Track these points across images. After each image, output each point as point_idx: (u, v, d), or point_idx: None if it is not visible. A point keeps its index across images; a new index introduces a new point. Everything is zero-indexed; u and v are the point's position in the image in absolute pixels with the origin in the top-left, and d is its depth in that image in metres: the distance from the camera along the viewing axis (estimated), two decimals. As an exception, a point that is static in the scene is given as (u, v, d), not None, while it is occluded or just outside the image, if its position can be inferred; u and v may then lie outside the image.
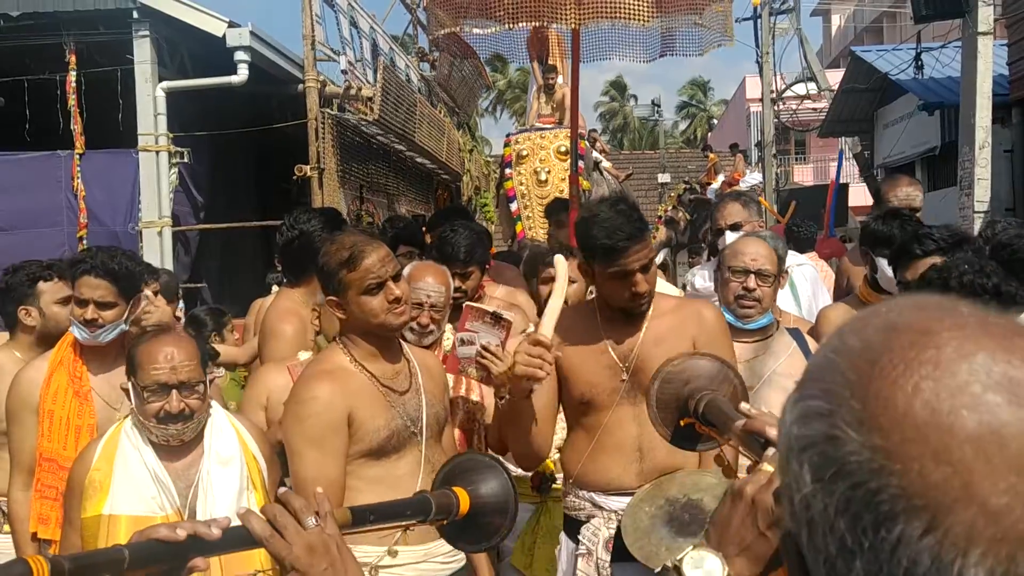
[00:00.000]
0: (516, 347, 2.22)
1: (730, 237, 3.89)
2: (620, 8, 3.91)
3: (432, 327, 2.90)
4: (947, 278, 1.99)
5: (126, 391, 2.29)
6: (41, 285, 3.04)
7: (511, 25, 4.08)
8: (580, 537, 2.42)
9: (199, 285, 7.97)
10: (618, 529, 2.30)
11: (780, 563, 1.02)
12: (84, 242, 7.50)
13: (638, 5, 3.92)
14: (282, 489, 1.27)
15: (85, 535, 2.19)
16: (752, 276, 2.85)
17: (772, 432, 1.18)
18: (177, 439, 2.23)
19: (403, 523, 1.46)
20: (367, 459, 2.22)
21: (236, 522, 1.16)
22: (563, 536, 2.53)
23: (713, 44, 4.42)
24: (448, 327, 3.08)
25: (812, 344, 3.22)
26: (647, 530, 2.16)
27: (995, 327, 0.52)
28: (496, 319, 2.65)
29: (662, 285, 3.76)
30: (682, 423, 1.58)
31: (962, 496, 0.47)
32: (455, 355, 2.70)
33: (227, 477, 2.27)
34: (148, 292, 3.55)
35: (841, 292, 3.80)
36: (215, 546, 1.13)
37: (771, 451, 1.12)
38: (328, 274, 2.25)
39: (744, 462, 1.34)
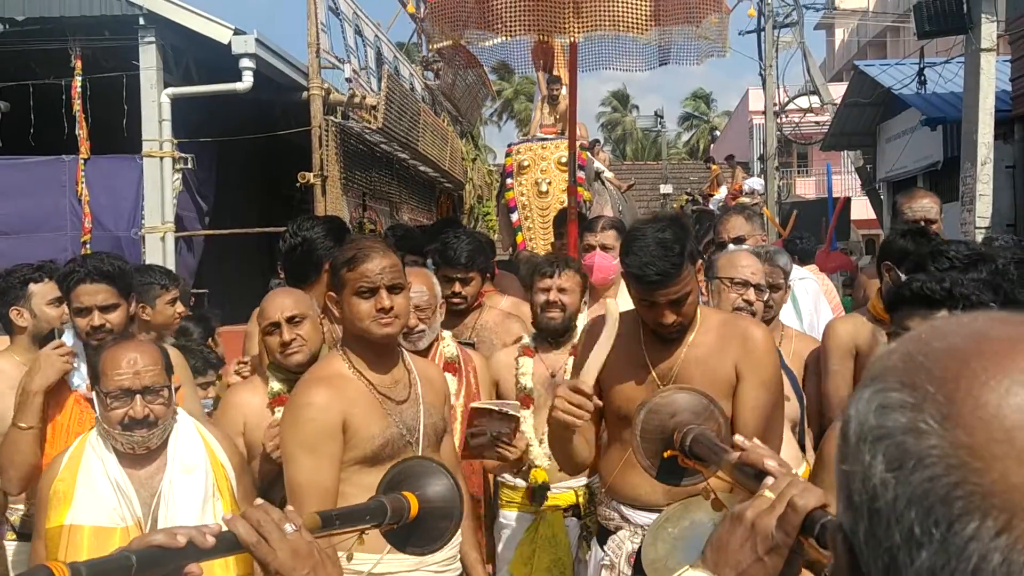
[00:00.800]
0: (558, 392, 2.18)
1: (732, 249, 3.91)
2: (619, 19, 3.92)
3: (422, 327, 2.91)
4: (902, 287, 2.00)
5: (89, 401, 2.28)
6: (32, 287, 3.05)
7: (509, 36, 4.09)
8: (606, 548, 2.43)
9: (202, 291, 7.98)
10: (641, 544, 2.30)
11: None
12: (87, 247, 7.51)
13: (636, 16, 3.93)
14: (258, 501, 1.30)
15: (49, 544, 2.17)
16: (752, 289, 2.86)
17: (770, 464, 1.19)
18: (143, 446, 2.20)
19: (363, 527, 1.49)
20: (361, 466, 2.22)
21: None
22: (594, 544, 2.54)
23: (708, 54, 4.44)
24: (447, 333, 3.09)
25: (789, 358, 3.23)
26: (667, 551, 2.15)
27: None
28: (503, 415, 2.62)
29: None
30: (665, 455, 1.58)
31: None
32: (465, 444, 2.68)
33: (191, 485, 2.24)
34: (167, 298, 3.58)
35: (859, 304, 3.80)
36: (208, 552, 1.16)
37: (769, 480, 1.12)
38: (333, 270, 2.29)
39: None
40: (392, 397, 2.28)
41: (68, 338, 2.72)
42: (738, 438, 1.33)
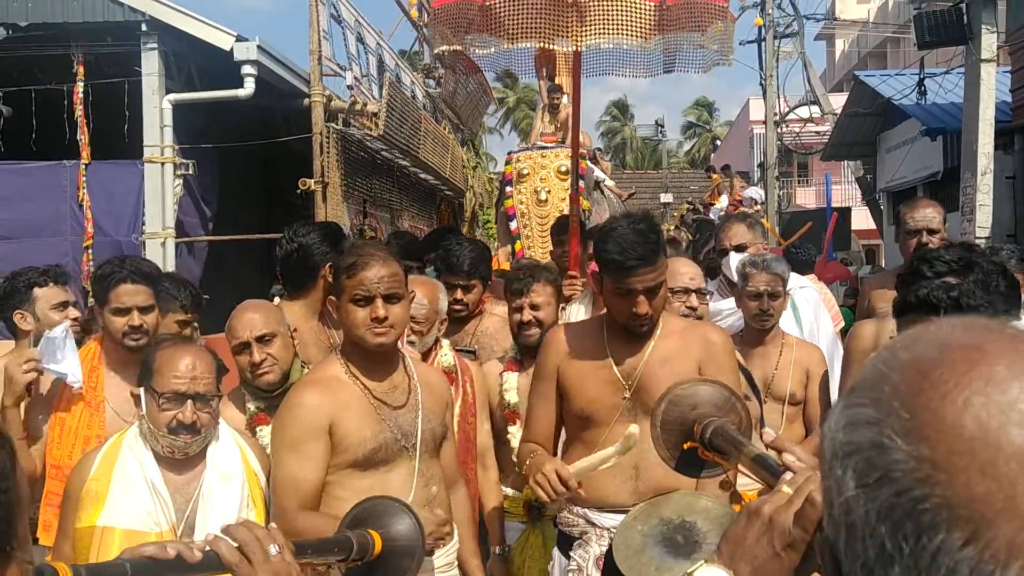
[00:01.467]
0: (546, 466, 2.20)
1: (734, 258, 3.91)
2: (624, 26, 3.92)
3: (413, 338, 2.92)
4: (907, 294, 2.00)
5: (135, 397, 2.26)
6: (37, 291, 3.06)
7: (512, 42, 4.09)
8: (572, 553, 2.43)
9: (203, 297, 7.98)
10: (609, 547, 2.30)
11: None
12: (89, 252, 7.52)
13: (641, 23, 3.93)
14: (241, 518, 1.32)
15: (78, 546, 2.16)
16: (693, 295, 2.92)
17: (789, 458, 1.18)
18: (183, 452, 2.21)
19: (332, 559, 1.52)
20: (354, 469, 2.23)
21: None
22: (556, 552, 2.54)
23: (713, 63, 4.44)
24: (445, 342, 3.09)
25: (790, 366, 3.26)
26: (638, 549, 2.16)
27: None
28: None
29: None
30: (685, 447, 1.57)
31: (1006, 509, 0.48)
32: None
33: (228, 493, 2.24)
34: (180, 317, 3.59)
35: (863, 313, 3.80)
36: (194, 567, 1.18)
37: (788, 475, 1.12)
38: (335, 275, 2.31)
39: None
40: (388, 402, 2.28)
41: (59, 331, 2.68)
42: (768, 430, 1.33)
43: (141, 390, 2.24)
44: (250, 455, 2.35)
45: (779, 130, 17.99)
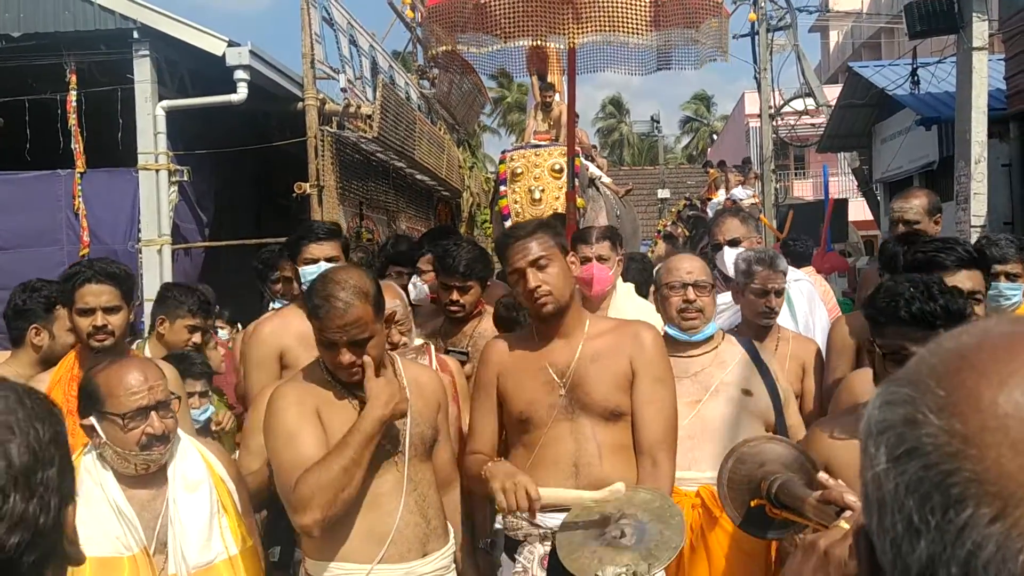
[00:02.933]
0: (517, 478, 2.23)
1: (728, 253, 3.91)
2: (618, 23, 3.92)
3: (403, 340, 2.92)
4: (896, 307, 2.01)
5: (86, 428, 2.17)
6: (59, 310, 3.05)
7: (506, 41, 4.09)
8: (517, 556, 2.45)
9: (214, 304, 7.99)
10: (553, 546, 2.32)
11: None
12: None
13: (636, 20, 3.93)
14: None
15: None
16: (690, 288, 2.91)
17: (849, 499, 1.19)
18: (157, 464, 2.16)
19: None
20: None
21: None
22: (504, 557, 2.56)
23: (708, 58, 4.44)
24: (418, 342, 3.10)
25: (786, 361, 3.25)
26: (580, 544, 2.20)
27: None
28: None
29: (646, 305, 3.75)
30: (752, 503, 1.57)
31: None
32: None
33: (196, 503, 2.20)
34: (189, 322, 3.61)
35: (860, 302, 3.81)
36: None
37: (848, 513, 1.12)
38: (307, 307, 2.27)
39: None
40: None
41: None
42: (822, 476, 1.34)
43: (92, 419, 2.16)
44: (213, 460, 2.31)
45: (774, 123, 17.98)
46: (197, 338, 3.72)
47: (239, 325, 5.68)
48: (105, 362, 2.29)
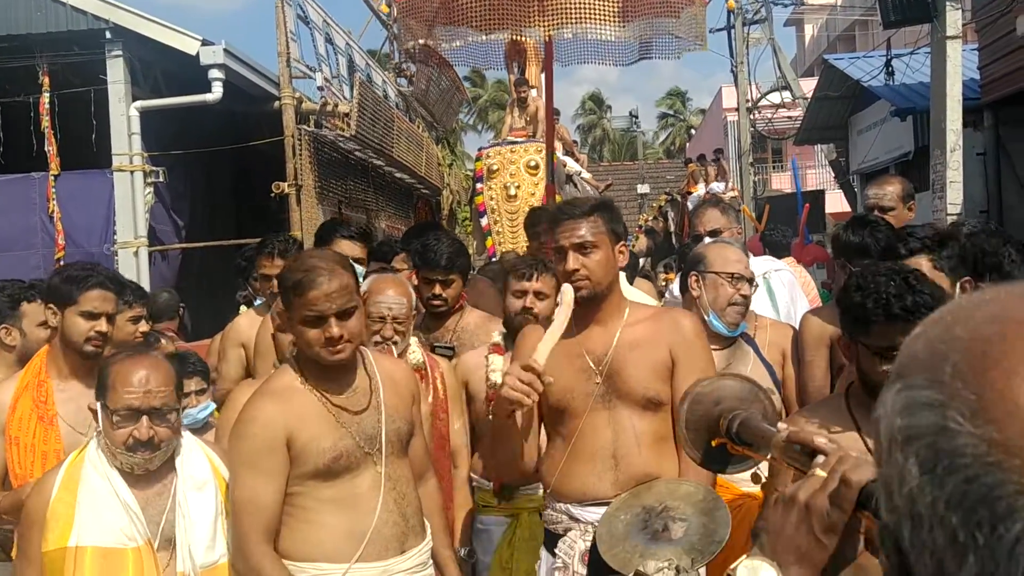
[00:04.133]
0: (507, 370, 2.17)
1: (708, 242, 3.92)
2: (585, 14, 3.91)
3: (396, 338, 2.89)
4: (888, 304, 2.00)
5: (93, 412, 2.19)
6: (24, 306, 3.01)
7: (476, 29, 4.08)
8: (557, 551, 2.40)
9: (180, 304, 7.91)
10: (594, 541, 2.28)
11: (838, 570, 1.00)
12: (61, 264, 7.43)
13: (604, 11, 3.92)
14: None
15: (49, 569, 2.08)
16: (744, 283, 2.90)
17: (820, 441, 1.17)
18: (142, 468, 2.14)
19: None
20: (317, 480, 2.18)
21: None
22: (543, 551, 2.52)
23: (687, 48, 4.44)
24: (413, 340, 3.07)
25: (765, 348, 3.26)
26: (622, 538, 2.15)
27: None
28: None
29: (636, 292, 3.77)
30: (713, 443, 1.56)
31: None
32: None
33: (203, 502, 2.19)
34: (129, 315, 3.53)
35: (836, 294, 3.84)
36: None
37: (820, 458, 1.11)
38: (283, 289, 2.22)
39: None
40: (347, 408, 2.22)
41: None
42: (782, 424, 1.33)
43: (98, 405, 2.17)
44: (218, 462, 2.30)
45: (752, 116, 18.08)
46: (143, 327, 3.64)
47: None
48: (127, 351, 2.28)
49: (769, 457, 1.37)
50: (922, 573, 0.51)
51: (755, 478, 1.47)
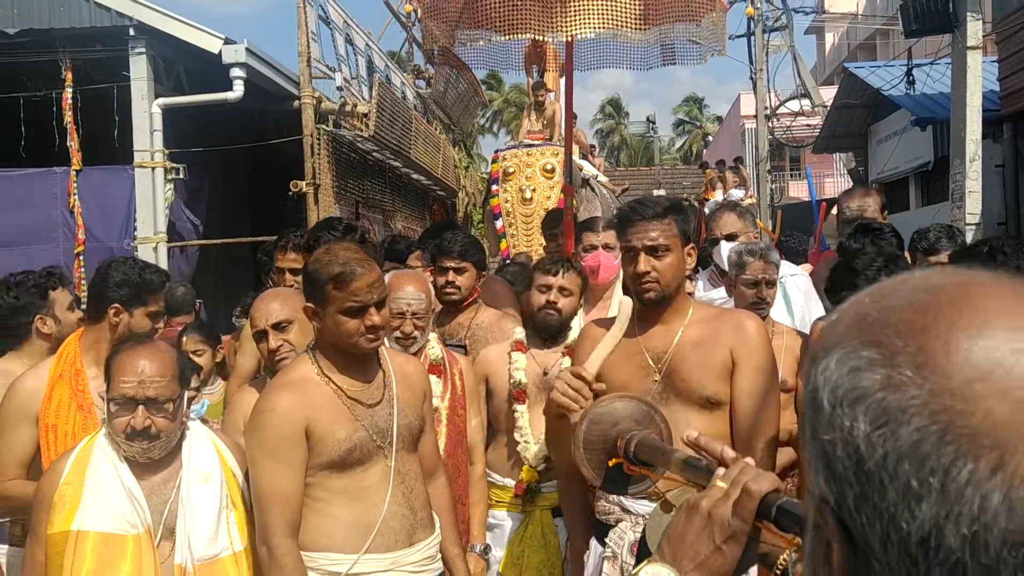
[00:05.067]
0: (558, 374, 2.17)
1: (725, 247, 3.92)
2: (608, 17, 3.92)
3: (416, 334, 2.90)
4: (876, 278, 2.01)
5: (103, 399, 2.23)
6: (52, 294, 3.08)
7: (499, 32, 4.10)
8: (607, 540, 2.41)
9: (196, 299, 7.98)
10: (643, 533, 2.29)
11: None
12: (81, 258, 7.52)
13: (626, 14, 3.93)
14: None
15: (51, 551, 2.11)
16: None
17: (726, 452, 1.18)
18: (144, 456, 2.16)
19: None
20: (330, 471, 2.20)
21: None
22: (593, 540, 2.53)
23: (708, 53, 4.44)
24: (432, 336, 3.08)
25: (780, 355, 3.26)
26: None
27: None
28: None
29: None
30: (611, 463, 1.57)
31: None
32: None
33: (207, 494, 2.20)
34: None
35: None
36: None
37: (721, 470, 1.13)
38: (314, 283, 2.23)
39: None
40: (362, 400, 2.25)
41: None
42: (689, 434, 1.33)
43: (103, 394, 2.21)
44: (227, 454, 2.30)
45: (770, 124, 18.03)
46: (160, 324, 3.72)
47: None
48: (132, 341, 2.32)
49: (665, 475, 1.38)
50: (870, 538, 0.52)
51: (654, 496, 1.48)
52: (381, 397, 2.29)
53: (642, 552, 2.27)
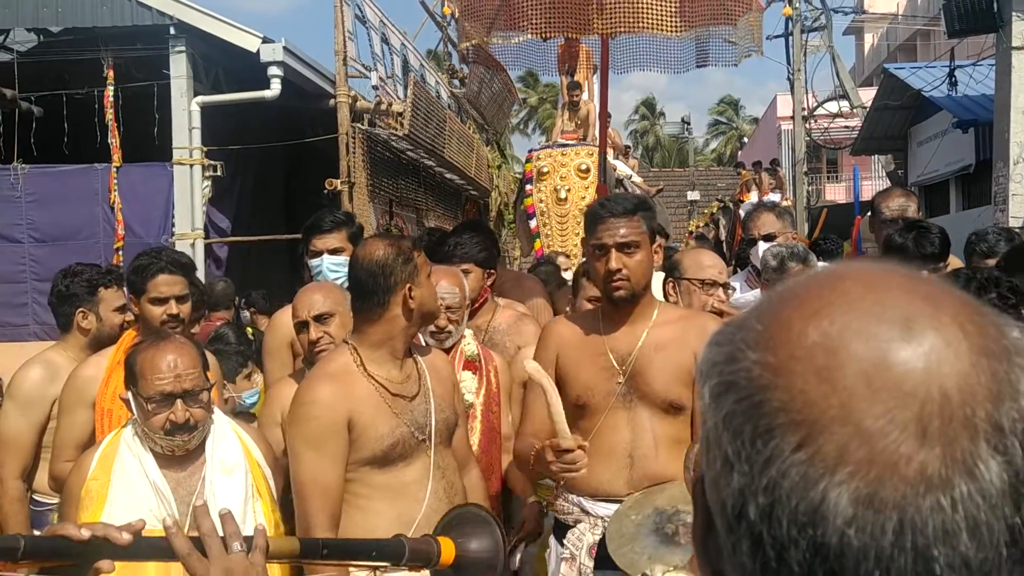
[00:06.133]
0: (545, 457, 2.17)
1: (763, 247, 3.88)
2: (643, 18, 3.90)
3: (450, 328, 2.90)
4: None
5: (125, 401, 2.23)
6: (102, 291, 3.13)
7: (535, 34, 4.10)
8: (565, 541, 2.42)
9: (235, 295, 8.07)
10: (603, 536, 2.28)
11: None
12: (120, 254, 7.64)
13: (661, 15, 3.91)
14: (224, 510, 1.24)
15: None
16: (720, 289, 2.89)
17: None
18: (182, 449, 2.18)
19: (370, 563, 1.42)
20: (371, 467, 2.19)
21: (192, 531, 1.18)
22: (552, 539, 2.53)
23: (745, 54, 4.40)
24: (468, 332, 3.08)
25: None
26: (631, 538, 2.16)
27: (911, 279, 0.52)
28: None
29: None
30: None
31: (839, 417, 0.47)
32: None
33: (232, 486, 2.21)
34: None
35: None
36: (126, 552, 1.13)
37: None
38: (390, 267, 2.22)
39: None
40: (402, 394, 2.24)
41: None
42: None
43: (129, 394, 2.21)
44: (251, 445, 2.31)
45: (807, 125, 17.80)
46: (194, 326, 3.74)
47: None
48: (149, 340, 2.31)
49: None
50: (713, 507, 0.52)
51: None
52: (418, 390, 2.29)
53: (601, 555, 2.28)
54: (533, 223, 7.98)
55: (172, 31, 7.54)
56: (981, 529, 0.45)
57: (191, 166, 7.75)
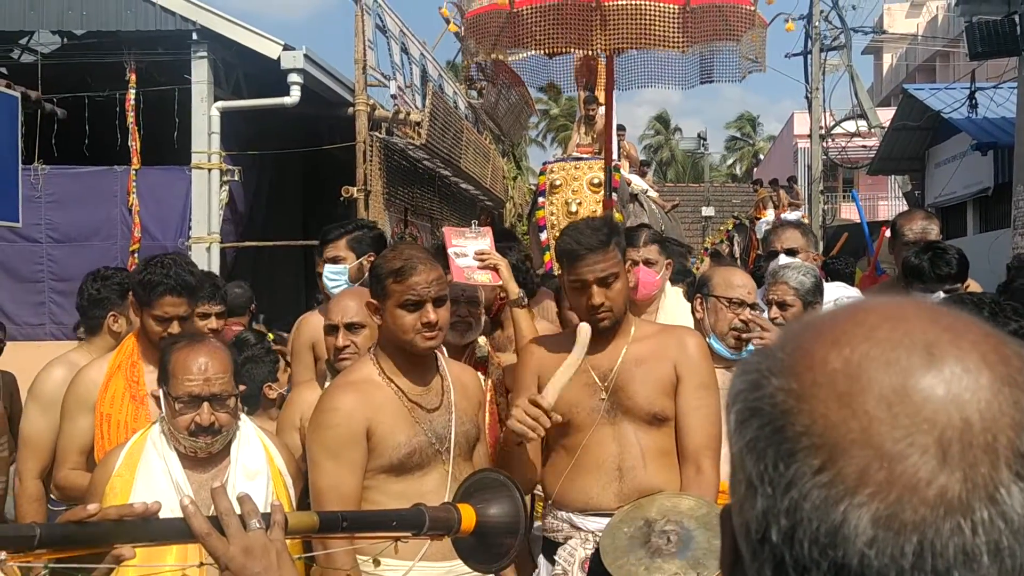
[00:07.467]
0: (517, 402, 2.20)
1: (783, 260, 3.87)
2: (646, 35, 3.90)
3: (470, 319, 2.91)
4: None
5: (156, 398, 2.26)
6: (132, 295, 3.14)
7: (538, 50, 4.11)
8: (556, 558, 2.42)
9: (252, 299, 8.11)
10: (595, 550, 2.28)
11: None
12: (136, 256, 7.69)
13: (664, 31, 3.91)
14: (242, 492, 1.22)
15: None
16: (747, 309, 2.87)
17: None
18: (205, 451, 2.20)
19: (391, 535, 1.41)
20: (388, 475, 2.20)
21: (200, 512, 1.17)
22: (541, 559, 2.53)
23: (749, 70, 4.41)
24: (482, 339, 3.08)
25: None
26: (625, 550, 2.16)
27: (932, 310, 0.53)
28: (475, 231, 2.90)
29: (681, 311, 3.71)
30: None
31: (860, 439, 0.48)
32: (458, 266, 2.82)
33: (254, 491, 2.15)
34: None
35: None
36: (144, 535, 1.12)
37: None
38: (377, 278, 2.27)
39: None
40: (422, 405, 2.25)
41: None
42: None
43: (160, 391, 2.24)
44: (275, 453, 2.33)
45: (824, 144, 17.76)
46: (213, 323, 3.72)
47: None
48: (186, 339, 2.34)
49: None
50: (738, 531, 0.53)
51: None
52: (440, 403, 2.29)
53: (594, 569, 2.27)
54: (544, 236, 7.97)
55: (194, 36, 7.61)
56: (1003, 554, 0.45)
57: (209, 171, 7.80)
